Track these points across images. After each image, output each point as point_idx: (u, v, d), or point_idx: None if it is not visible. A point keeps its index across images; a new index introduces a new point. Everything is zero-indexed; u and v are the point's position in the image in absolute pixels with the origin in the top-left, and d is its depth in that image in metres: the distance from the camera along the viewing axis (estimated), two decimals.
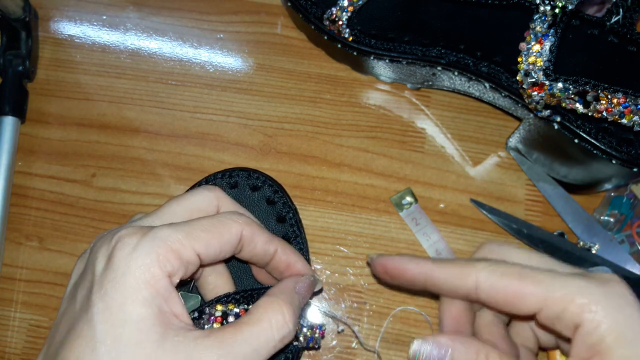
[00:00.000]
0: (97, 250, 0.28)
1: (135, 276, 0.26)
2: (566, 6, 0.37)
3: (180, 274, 0.28)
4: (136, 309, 0.26)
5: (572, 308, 0.26)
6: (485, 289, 0.28)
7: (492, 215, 0.44)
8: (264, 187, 0.40)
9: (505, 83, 0.41)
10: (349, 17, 0.43)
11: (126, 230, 0.28)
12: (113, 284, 0.26)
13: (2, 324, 0.43)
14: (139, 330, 0.25)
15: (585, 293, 0.26)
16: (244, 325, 0.28)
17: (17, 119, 0.46)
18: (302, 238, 0.39)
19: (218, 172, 0.40)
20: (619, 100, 0.36)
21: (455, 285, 0.29)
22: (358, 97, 0.48)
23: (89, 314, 0.26)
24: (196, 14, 0.50)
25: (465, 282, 0.29)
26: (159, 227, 0.28)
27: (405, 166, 0.46)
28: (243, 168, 0.40)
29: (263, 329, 0.28)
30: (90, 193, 0.45)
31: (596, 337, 0.25)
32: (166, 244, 0.27)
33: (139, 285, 0.26)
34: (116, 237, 0.28)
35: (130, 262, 0.26)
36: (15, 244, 0.44)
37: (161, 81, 0.48)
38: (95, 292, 0.26)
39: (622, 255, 0.42)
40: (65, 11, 0.50)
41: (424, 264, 0.31)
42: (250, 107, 0.47)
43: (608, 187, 0.44)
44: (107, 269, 0.27)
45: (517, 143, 0.45)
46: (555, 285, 0.26)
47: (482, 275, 0.28)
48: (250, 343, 0.27)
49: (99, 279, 0.27)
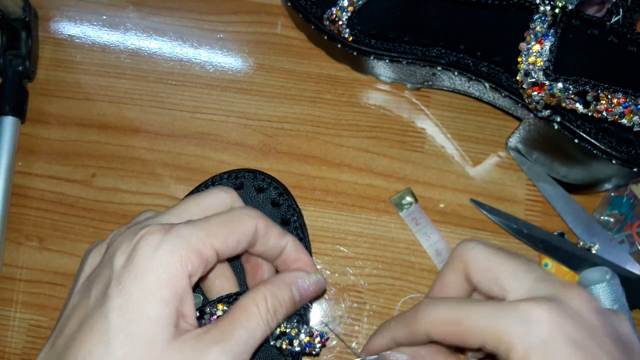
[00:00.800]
0: (117, 246, 0.28)
1: (158, 274, 0.26)
2: (566, 6, 0.37)
3: (200, 273, 0.28)
4: (154, 308, 0.26)
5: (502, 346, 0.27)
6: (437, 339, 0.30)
7: (492, 215, 0.44)
8: (269, 189, 0.40)
9: (505, 83, 0.41)
10: (349, 17, 0.43)
11: (149, 227, 0.28)
12: (133, 280, 0.26)
13: (2, 324, 0.43)
14: (154, 328, 0.26)
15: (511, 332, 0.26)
16: (236, 313, 0.28)
17: (17, 119, 0.46)
18: (306, 242, 0.39)
19: (224, 173, 0.40)
20: (619, 100, 0.36)
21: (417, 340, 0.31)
22: (358, 97, 0.48)
23: (104, 308, 0.26)
24: (196, 14, 0.50)
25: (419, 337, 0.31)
26: (180, 225, 0.28)
27: (405, 166, 0.46)
28: (249, 169, 0.40)
29: (252, 314, 0.29)
30: (90, 193, 0.45)
31: None
32: (189, 242, 0.27)
33: (160, 284, 0.26)
34: (139, 234, 0.28)
35: (154, 259, 0.27)
36: (15, 244, 0.44)
37: (161, 81, 0.48)
38: (113, 287, 0.26)
39: (622, 255, 0.42)
40: (65, 11, 0.50)
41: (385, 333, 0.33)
42: (250, 107, 0.47)
43: (608, 187, 0.44)
44: (128, 265, 0.27)
45: (517, 143, 0.45)
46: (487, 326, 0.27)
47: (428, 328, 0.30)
48: (245, 326, 0.28)
49: (118, 274, 0.27)
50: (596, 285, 0.39)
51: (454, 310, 0.29)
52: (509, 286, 0.29)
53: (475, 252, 0.31)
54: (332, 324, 0.42)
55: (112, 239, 0.30)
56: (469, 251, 0.31)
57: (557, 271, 0.42)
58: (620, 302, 0.39)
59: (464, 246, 0.32)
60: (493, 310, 0.28)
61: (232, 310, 0.29)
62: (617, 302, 0.39)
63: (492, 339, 0.27)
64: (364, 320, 0.42)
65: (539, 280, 0.29)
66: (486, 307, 0.28)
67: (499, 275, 0.29)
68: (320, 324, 0.42)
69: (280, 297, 0.31)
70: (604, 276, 0.40)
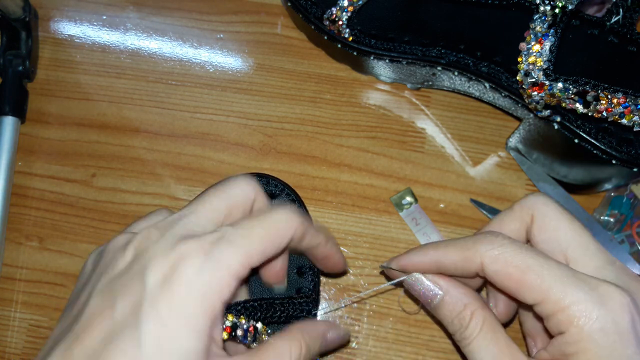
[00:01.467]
0: (150, 257, 0.26)
1: (196, 304, 0.25)
2: (566, 6, 0.37)
3: (232, 296, 0.27)
4: (191, 341, 0.25)
5: (561, 316, 0.26)
6: (489, 274, 0.28)
7: (492, 215, 0.44)
8: (281, 195, 0.40)
9: (505, 83, 0.41)
10: (349, 17, 0.43)
11: (189, 246, 0.26)
12: (169, 306, 0.25)
13: (2, 324, 0.43)
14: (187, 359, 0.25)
15: (580, 307, 0.25)
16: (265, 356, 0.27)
17: (17, 119, 0.46)
18: None
19: None
20: (619, 100, 0.36)
21: (464, 268, 0.29)
22: (358, 97, 0.48)
23: (137, 331, 0.24)
24: (196, 14, 0.50)
25: (471, 265, 0.29)
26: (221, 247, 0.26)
27: (405, 166, 0.46)
28: (262, 174, 0.40)
29: None
30: (90, 193, 0.45)
31: (572, 349, 0.26)
32: (230, 269, 0.26)
33: (197, 315, 0.25)
34: (179, 253, 0.26)
35: (191, 287, 0.25)
36: (15, 244, 0.44)
37: (161, 81, 0.48)
38: (147, 309, 0.25)
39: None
40: (65, 11, 0.50)
41: (430, 253, 0.31)
42: (250, 107, 0.47)
43: (608, 187, 0.44)
44: (164, 288, 0.25)
45: (517, 143, 0.45)
46: (554, 288, 0.26)
47: (486, 260, 0.28)
48: None
49: (152, 295, 0.25)
50: None
51: (525, 256, 0.27)
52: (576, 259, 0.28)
53: (548, 209, 0.29)
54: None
55: (141, 242, 0.28)
56: (542, 206, 0.29)
57: None
58: None
59: (537, 199, 0.30)
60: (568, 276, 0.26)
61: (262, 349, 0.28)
62: None
63: (553, 303, 0.26)
64: (364, 320, 0.42)
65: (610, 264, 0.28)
66: (563, 269, 0.27)
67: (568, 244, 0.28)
68: None
69: (313, 349, 0.30)
70: None
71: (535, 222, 0.29)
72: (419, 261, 0.31)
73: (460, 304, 0.30)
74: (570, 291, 0.26)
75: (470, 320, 0.29)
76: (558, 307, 0.26)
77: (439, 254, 0.30)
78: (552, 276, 0.26)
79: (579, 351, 0.25)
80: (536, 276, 0.27)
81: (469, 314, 0.29)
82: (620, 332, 0.25)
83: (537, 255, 0.27)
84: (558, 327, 0.26)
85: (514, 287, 0.27)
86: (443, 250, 0.30)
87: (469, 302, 0.29)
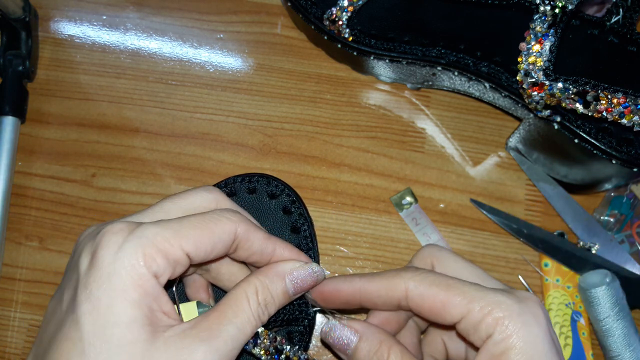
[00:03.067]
0: (82, 247, 0.27)
1: (122, 277, 0.25)
2: (566, 6, 0.37)
3: (168, 274, 0.27)
4: (126, 311, 0.25)
5: (487, 320, 0.27)
6: (413, 297, 0.29)
7: (492, 215, 0.44)
8: (282, 195, 0.40)
9: (505, 83, 0.41)
10: (349, 17, 0.43)
11: (111, 226, 0.27)
12: (98, 285, 0.25)
13: (2, 324, 0.43)
14: (130, 331, 0.25)
15: (502, 308, 0.27)
16: (225, 307, 0.27)
17: (17, 119, 0.46)
18: (315, 252, 0.39)
19: (238, 176, 0.40)
20: (619, 100, 0.36)
21: (388, 296, 0.30)
22: (358, 97, 0.48)
23: (75, 314, 0.25)
24: (196, 14, 0.50)
25: (395, 292, 0.30)
26: (145, 225, 0.27)
27: (405, 166, 0.46)
28: (262, 174, 0.40)
29: (243, 308, 0.28)
30: (90, 193, 0.45)
31: (501, 348, 0.27)
32: (153, 242, 0.26)
33: (127, 287, 0.25)
34: (100, 234, 0.26)
35: (116, 262, 0.25)
36: (15, 244, 0.44)
37: (161, 81, 0.48)
38: (81, 292, 0.26)
39: (622, 255, 0.42)
40: (65, 11, 0.50)
41: (356, 281, 0.32)
42: (250, 107, 0.47)
43: (608, 187, 0.44)
44: (92, 268, 0.26)
45: (517, 143, 0.45)
46: (477, 298, 0.28)
47: (411, 284, 0.29)
48: (234, 322, 0.27)
49: (84, 278, 0.26)
50: (596, 288, 0.39)
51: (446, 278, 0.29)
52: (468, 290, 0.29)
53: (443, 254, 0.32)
54: None
55: (79, 238, 0.29)
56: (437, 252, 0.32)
57: (557, 271, 0.42)
58: (621, 304, 0.39)
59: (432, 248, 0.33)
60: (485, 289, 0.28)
61: (220, 304, 0.28)
62: (617, 304, 0.39)
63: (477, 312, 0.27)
64: None
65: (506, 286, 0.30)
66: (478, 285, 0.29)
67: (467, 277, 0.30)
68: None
69: (273, 289, 0.29)
70: (604, 279, 0.40)
71: (436, 266, 0.32)
72: (342, 289, 0.32)
73: (377, 341, 0.30)
74: (491, 297, 0.27)
75: (388, 355, 0.29)
76: (482, 314, 0.27)
77: (363, 283, 0.31)
78: (473, 290, 0.28)
79: (507, 348, 0.26)
80: (459, 292, 0.28)
81: (387, 349, 0.30)
82: (540, 324, 0.27)
83: (454, 278, 0.29)
84: (486, 331, 0.27)
85: (439, 306, 0.29)
86: (369, 279, 0.31)
87: (385, 339, 0.30)
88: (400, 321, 0.33)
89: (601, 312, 0.39)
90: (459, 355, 0.34)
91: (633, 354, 0.39)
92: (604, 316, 0.39)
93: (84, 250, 0.27)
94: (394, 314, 0.33)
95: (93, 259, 0.26)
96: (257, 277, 0.29)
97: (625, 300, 0.40)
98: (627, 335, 0.39)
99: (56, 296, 0.28)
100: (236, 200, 0.39)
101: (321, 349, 0.41)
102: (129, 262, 0.26)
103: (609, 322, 0.39)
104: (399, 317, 0.33)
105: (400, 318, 0.33)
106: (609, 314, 0.39)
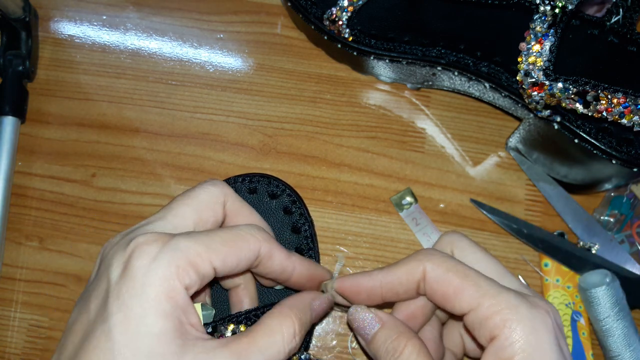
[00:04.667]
0: (111, 256, 0.27)
1: (155, 288, 0.25)
2: (566, 6, 0.37)
3: (196, 287, 0.27)
4: (158, 322, 0.25)
5: (495, 319, 0.27)
6: (429, 280, 0.30)
7: (492, 215, 0.44)
8: (282, 195, 0.40)
9: (505, 83, 0.41)
10: (349, 17, 0.43)
11: (144, 237, 0.27)
12: (131, 294, 0.25)
13: (2, 324, 0.43)
14: (160, 343, 0.25)
15: (513, 310, 0.27)
16: (258, 336, 0.28)
17: (17, 119, 0.46)
18: (315, 252, 0.39)
19: (238, 176, 0.40)
20: (619, 100, 0.36)
21: (408, 282, 0.31)
22: (358, 97, 0.48)
23: (106, 324, 0.25)
24: (196, 14, 0.50)
25: (414, 275, 0.30)
26: (178, 238, 0.27)
27: (405, 166, 0.46)
28: (264, 174, 0.40)
29: (275, 341, 0.28)
30: (90, 193, 0.45)
31: (507, 353, 0.26)
32: (186, 256, 0.27)
33: (159, 298, 0.25)
34: (133, 244, 0.27)
35: (150, 272, 0.26)
36: (15, 244, 0.44)
37: (161, 81, 0.48)
38: (112, 301, 0.26)
39: (622, 255, 0.42)
40: (65, 11, 0.50)
41: (375, 274, 0.32)
42: (250, 107, 0.47)
43: (608, 187, 0.44)
44: (124, 278, 0.26)
45: (517, 143, 0.45)
46: (490, 294, 0.28)
47: (429, 266, 0.30)
48: (264, 353, 0.27)
49: (115, 287, 0.26)
50: (596, 289, 0.39)
51: (464, 267, 0.29)
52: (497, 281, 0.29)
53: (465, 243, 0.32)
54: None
55: (106, 247, 0.29)
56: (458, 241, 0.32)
57: (557, 271, 0.42)
58: (621, 304, 0.39)
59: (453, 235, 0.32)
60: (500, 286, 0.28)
61: (254, 329, 0.28)
62: (617, 304, 0.39)
63: (487, 308, 0.27)
64: None
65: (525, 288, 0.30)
66: (495, 281, 0.28)
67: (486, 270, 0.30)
68: None
69: (305, 321, 0.30)
70: (604, 279, 0.40)
71: (456, 254, 0.32)
72: (362, 283, 0.32)
73: (396, 332, 0.31)
74: (504, 297, 0.27)
75: (404, 347, 0.30)
76: (491, 311, 0.27)
77: (383, 274, 0.32)
78: (487, 285, 0.28)
79: (515, 352, 0.26)
80: (473, 283, 0.28)
81: (404, 340, 0.30)
82: (549, 332, 0.26)
83: (472, 268, 0.29)
84: (491, 332, 0.27)
85: (451, 294, 0.29)
86: (387, 270, 0.32)
87: (405, 331, 0.31)
88: (427, 314, 0.33)
89: (601, 312, 0.39)
90: (475, 351, 0.34)
91: (633, 354, 0.39)
92: (604, 316, 0.39)
93: (114, 260, 0.27)
94: (419, 309, 0.33)
95: (126, 269, 0.26)
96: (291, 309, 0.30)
97: (625, 300, 0.40)
98: (627, 335, 0.39)
99: (80, 304, 0.28)
100: None
101: (321, 349, 0.41)
102: (163, 274, 0.26)
103: (609, 322, 0.39)
104: (425, 310, 0.33)
105: (427, 311, 0.33)
106: (609, 314, 0.39)
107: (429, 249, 0.32)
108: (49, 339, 0.42)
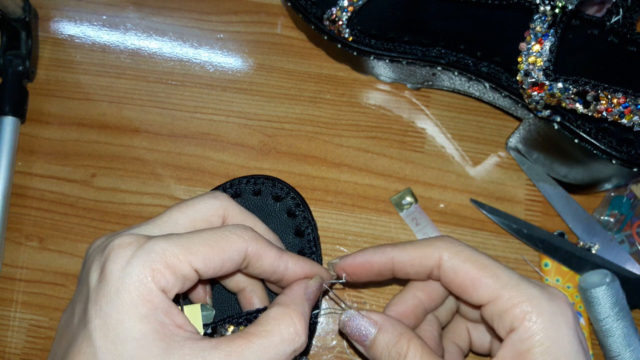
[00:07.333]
0: (91, 260, 0.27)
1: (130, 292, 0.25)
2: (566, 6, 0.37)
3: (176, 289, 0.27)
4: (135, 326, 0.25)
5: (515, 311, 0.27)
6: (446, 269, 0.29)
7: (492, 215, 0.44)
8: (286, 198, 0.39)
9: (505, 83, 0.41)
10: (349, 17, 0.43)
11: (120, 239, 0.26)
12: (108, 300, 0.25)
13: (2, 324, 0.43)
14: (141, 347, 0.25)
15: (533, 303, 0.27)
16: (253, 337, 0.27)
17: (17, 119, 0.46)
18: (318, 256, 0.38)
19: (243, 177, 0.40)
20: (619, 100, 0.36)
21: (421, 265, 0.30)
22: (358, 97, 0.48)
23: (87, 330, 0.25)
24: (196, 14, 0.50)
25: (428, 261, 0.30)
26: (155, 239, 0.27)
27: (405, 166, 0.46)
28: (268, 176, 0.40)
29: (273, 343, 0.27)
30: (90, 193, 0.45)
31: (526, 345, 0.26)
32: (162, 258, 0.26)
33: (135, 302, 0.25)
34: (109, 247, 0.26)
35: (124, 277, 0.25)
36: (15, 244, 0.44)
37: (161, 81, 0.48)
38: (91, 307, 0.25)
39: (622, 255, 0.42)
40: (65, 11, 0.50)
41: (388, 251, 0.31)
42: (250, 107, 0.47)
43: (608, 187, 0.44)
44: (101, 283, 0.26)
45: (517, 143, 0.45)
46: (510, 286, 0.27)
47: (446, 255, 0.29)
48: (259, 356, 0.26)
49: (94, 293, 0.26)
50: (597, 288, 0.39)
51: (482, 256, 0.29)
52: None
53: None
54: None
55: (88, 251, 0.29)
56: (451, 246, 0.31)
57: (557, 271, 0.42)
58: (621, 304, 0.39)
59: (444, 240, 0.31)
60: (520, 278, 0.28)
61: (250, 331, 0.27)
62: (617, 304, 0.39)
63: (506, 300, 0.27)
64: None
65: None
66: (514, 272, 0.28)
67: None
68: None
69: (305, 315, 0.29)
70: (604, 279, 0.40)
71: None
72: (374, 260, 0.32)
73: (396, 334, 0.29)
74: (523, 289, 0.27)
75: (408, 349, 0.29)
76: (511, 303, 0.27)
77: (397, 252, 0.31)
78: (506, 276, 0.28)
79: (534, 345, 0.26)
80: (492, 274, 0.28)
81: (406, 342, 0.29)
82: (569, 325, 0.26)
83: (491, 258, 0.29)
84: (511, 324, 0.27)
85: (468, 284, 0.28)
86: (401, 248, 0.31)
87: (404, 331, 0.30)
88: (419, 315, 0.33)
89: (601, 312, 0.39)
90: (482, 346, 0.33)
91: (633, 354, 0.39)
92: (604, 316, 0.39)
93: (93, 264, 0.27)
94: (411, 308, 0.32)
95: (102, 273, 0.26)
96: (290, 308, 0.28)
97: (625, 300, 0.40)
98: (627, 335, 0.39)
99: (69, 309, 0.28)
100: (240, 202, 0.39)
101: (321, 349, 0.41)
102: (137, 277, 0.25)
103: (609, 322, 0.39)
104: (417, 310, 0.33)
105: (419, 312, 0.33)
106: (609, 314, 0.39)
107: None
108: (48, 339, 0.42)
